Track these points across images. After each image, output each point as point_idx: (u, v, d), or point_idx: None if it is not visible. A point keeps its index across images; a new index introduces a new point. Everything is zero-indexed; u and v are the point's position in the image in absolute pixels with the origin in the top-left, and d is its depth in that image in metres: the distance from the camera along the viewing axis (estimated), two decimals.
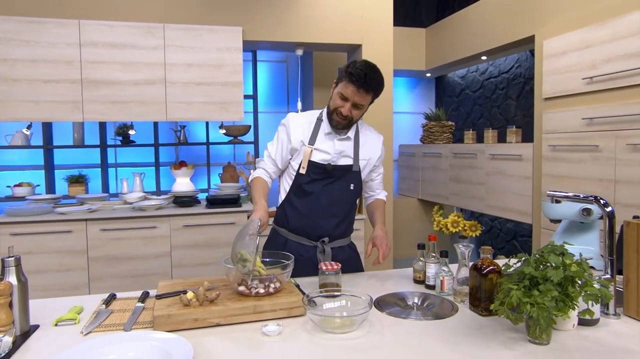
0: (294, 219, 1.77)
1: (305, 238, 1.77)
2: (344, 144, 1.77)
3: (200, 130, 4.26)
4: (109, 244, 3.07)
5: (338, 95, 1.68)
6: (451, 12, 4.96)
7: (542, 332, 1.09)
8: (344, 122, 1.71)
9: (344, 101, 1.67)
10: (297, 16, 3.55)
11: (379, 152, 1.88)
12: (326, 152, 1.74)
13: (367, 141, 1.83)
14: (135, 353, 1.03)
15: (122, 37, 3.15)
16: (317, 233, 1.76)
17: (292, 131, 1.77)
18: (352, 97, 1.65)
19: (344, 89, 1.65)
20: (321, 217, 1.75)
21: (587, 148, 2.84)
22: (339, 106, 1.68)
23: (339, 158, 1.75)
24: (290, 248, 1.74)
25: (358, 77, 1.60)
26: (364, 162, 1.81)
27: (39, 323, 1.30)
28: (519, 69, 4.30)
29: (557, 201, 1.51)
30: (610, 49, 2.68)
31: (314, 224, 1.75)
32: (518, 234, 4.45)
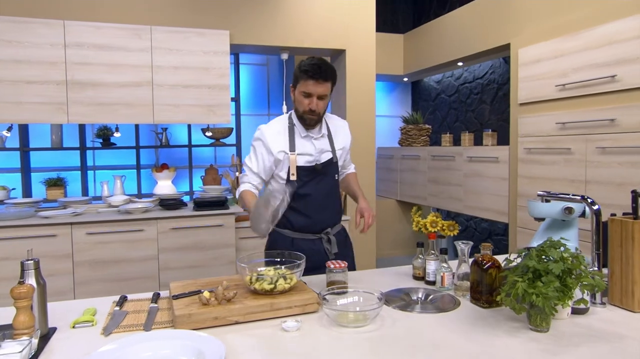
0: (296, 220, 1.86)
1: (310, 233, 1.88)
2: (320, 142, 1.87)
3: (182, 132, 4.24)
4: (95, 248, 3.03)
5: (301, 94, 1.77)
6: (427, 19, 5.14)
7: (542, 320, 1.20)
8: (315, 117, 1.80)
9: (309, 97, 1.75)
10: (283, 21, 3.60)
11: (349, 137, 2.00)
12: (309, 154, 1.84)
13: (338, 130, 1.96)
14: (169, 350, 1.07)
15: (109, 38, 3.12)
16: (319, 227, 1.88)
17: (270, 144, 1.82)
18: (314, 91, 1.74)
19: (304, 87, 1.74)
20: (319, 212, 1.86)
21: (560, 151, 3.03)
22: (307, 104, 1.76)
23: (320, 155, 1.85)
24: (299, 245, 1.84)
25: (314, 71, 1.71)
26: (340, 151, 1.94)
27: (55, 326, 1.31)
28: (493, 75, 4.50)
29: (547, 200, 1.62)
30: (580, 58, 2.87)
31: (315, 220, 1.86)
32: (493, 233, 4.64)
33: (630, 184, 2.59)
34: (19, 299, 1.15)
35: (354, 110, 3.84)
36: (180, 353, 1.06)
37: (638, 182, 2.54)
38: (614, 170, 2.68)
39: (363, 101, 3.85)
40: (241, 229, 3.42)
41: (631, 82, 2.58)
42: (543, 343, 1.15)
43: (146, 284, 3.11)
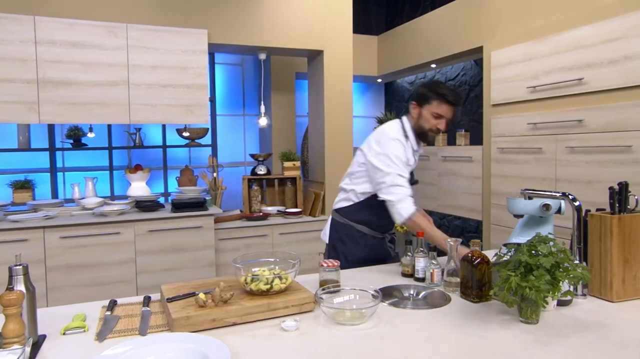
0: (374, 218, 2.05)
1: (379, 232, 2.11)
2: (417, 155, 2.11)
3: (155, 133, 4.16)
4: (69, 252, 2.93)
5: (432, 115, 1.93)
6: (400, 21, 5.23)
7: (532, 313, 1.25)
8: (436, 135, 2.03)
9: (439, 118, 1.94)
10: (261, 21, 3.59)
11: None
12: (411, 166, 2.05)
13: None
14: (172, 354, 1.06)
15: (83, 36, 3.03)
16: (387, 228, 2.13)
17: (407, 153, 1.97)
18: (447, 115, 1.93)
19: (438, 109, 1.92)
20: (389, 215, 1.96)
21: (532, 150, 3.15)
22: (435, 124, 1.94)
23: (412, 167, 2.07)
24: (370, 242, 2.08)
25: (454, 98, 1.92)
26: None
27: (45, 333, 1.27)
28: (464, 76, 4.63)
29: (530, 197, 1.69)
30: (550, 62, 3.00)
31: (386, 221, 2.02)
32: (465, 231, 4.77)
33: (597, 182, 2.72)
34: (9, 306, 1.11)
35: (331, 111, 3.87)
36: (184, 356, 1.05)
37: (605, 180, 2.68)
38: (582, 169, 2.81)
39: (340, 102, 3.89)
40: (220, 230, 3.38)
41: (597, 85, 2.72)
42: (535, 334, 1.20)
43: (123, 288, 3.04)
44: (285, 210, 3.84)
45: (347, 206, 2.11)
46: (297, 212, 3.78)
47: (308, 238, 3.73)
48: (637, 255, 1.44)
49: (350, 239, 2.09)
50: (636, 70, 2.51)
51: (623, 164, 2.59)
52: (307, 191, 4.06)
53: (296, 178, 3.96)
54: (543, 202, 1.99)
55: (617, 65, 2.61)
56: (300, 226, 3.71)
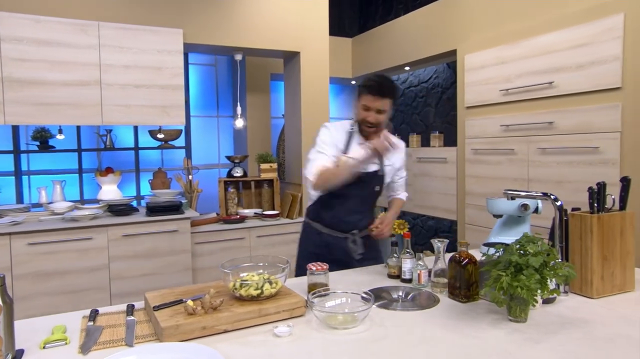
0: (328, 216, 2.03)
1: (338, 231, 2.03)
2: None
3: (126, 135, 4.04)
4: (38, 259, 2.80)
5: (362, 107, 1.92)
6: (373, 24, 5.28)
7: (521, 311, 1.28)
8: (372, 129, 1.94)
9: (368, 110, 1.90)
10: (237, 21, 3.54)
11: (402, 157, 2.13)
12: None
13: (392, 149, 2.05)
14: None
15: (51, 33, 2.90)
16: (347, 227, 2.03)
17: (335, 136, 1.98)
18: (372, 105, 1.88)
19: (365, 101, 1.90)
20: (349, 214, 2.01)
21: (505, 151, 3.24)
22: (365, 116, 1.91)
23: (368, 165, 1.95)
24: (326, 240, 2.04)
25: (374, 87, 1.87)
26: (389, 167, 2.05)
27: (22, 347, 1.20)
28: (437, 79, 4.72)
29: (512, 197, 1.74)
30: (522, 65, 3.09)
31: (343, 220, 2.01)
32: (439, 231, 4.86)
33: (567, 182, 2.82)
34: None
35: (308, 112, 3.86)
36: None
37: (574, 180, 2.79)
38: (552, 169, 2.91)
39: (317, 103, 3.88)
40: (197, 234, 3.31)
41: (566, 89, 2.82)
42: (526, 332, 1.23)
43: (96, 296, 2.93)
44: (263, 212, 3.80)
45: (309, 205, 2.17)
46: (275, 215, 3.75)
47: (286, 240, 3.70)
48: (614, 253, 1.50)
49: (307, 237, 2.12)
50: (602, 75, 2.62)
51: (591, 164, 2.70)
52: (285, 193, 4.04)
53: (273, 180, 3.93)
54: (522, 203, 2.05)
55: (584, 70, 2.72)
56: (278, 229, 3.68)
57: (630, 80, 2.50)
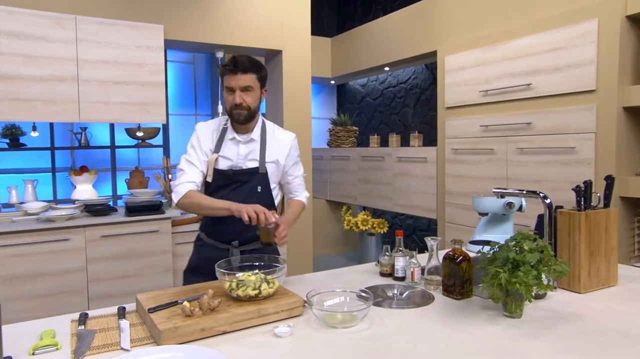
0: (208, 225, 1.84)
1: (220, 241, 1.80)
2: (249, 147, 1.78)
3: (102, 133, 3.92)
4: (10, 262, 2.68)
5: (225, 91, 1.73)
6: (352, 25, 5.30)
7: (517, 307, 1.31)
8: (244, 113, 1.71)
9: (232, 91, 1.70)
10: (219, 18, 3.49)
11: (286, 152, 1.85)
12: (229, 158, 1.77)
13: (275, 142, 1.83)
14: None
15: (25, 26, 2.77)
16: (228, 237, 1.78)
17: (202, 140, 1.78)
18: (235, 84, 1.68)
19: (226, 82, 1.71)
20: (228, 222, 1.72)
21: (484, 151, 3.31)
22: (231, 100, 1.71)
23: (245, 162, 1.77)
24: (208, 251, 1.81)
25: (229, 64, 1.69)
26: (272, 164, 1.80)
27: (9, 354, 1.14)
28: (416, 80, 4.78)
29: (502, 195, 1.77)
30: (500, 67, 3.17)
31: (224, 229, 1.78)
32: (417, 229, 4.93)
33: (545, 181, 2.91)
34: None
35: (290, 111, 3.84)
36: None
37: (551, 179, 2.87)
38: (530, 169, 3.00)
39: (299, 102, 3.87)
40: (178, 234, 3.25)
41: (544, 91, 2.91)
42: (521, 328, 1.25)
43: (73, 299, 2.83)
44: None
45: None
46: None
47: None
48: (600, 249, 1.56)
49: (195, 247, 1.91)
50: (578, 77, 2.72)
51: (567, 164, 2.79)
52: None
53: None
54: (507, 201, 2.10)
55: (561, 73, 2.81)
56: None
57: (604, 83, 2.60)
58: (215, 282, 1.48)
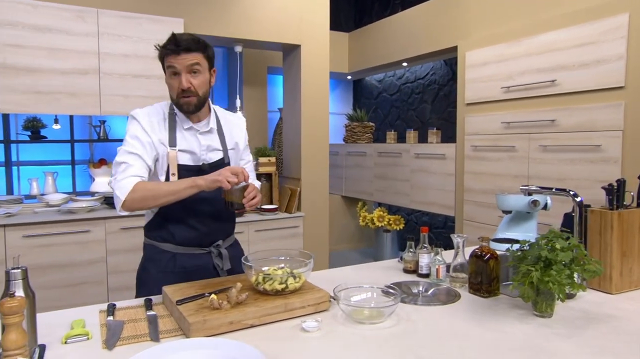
0: (181, 231, 1.58)
1: (198, 248, 1.61)
2: (207, 138, 1.60)
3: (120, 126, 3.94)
4: (33, 252, 2.72)
5: (169, 74, 1.51)
6: (369, 20, 5.26)
7: (547, 306, 1.29)
8: (193, 100, 1.51)
9: (177, 75, 1.49)
10: (238, 12, 3.48)
11: (243, 134, 1.74)
12: (192, 151, 1.56)
13: (231, 128, 1.69)
14: None
15: (48, 19, 2.80)
16: (209, 239, 1.62)
17: (148, 129, 1.51)
18: (180, 64, 1.47)
19: (168, 64, 1.49)
20: (208, 223, 1.59)
21: (505, 148, 3.26)
22: (176, 85, 1.49)
23: (207, 153, 1.59)
24: (182, 262, 1.59)
25: (169, 43, 1.47)
26: (232, 151, 1.67)
27: (43, 342, 1.15)
28: (434, 76, 4.73)
29: (530, 193, 1.74)
30: (524, 63, 3.11)
31: (204, 231, 1.60)
32: (433, 226, 4.89)
33: (569, 179, 2.86)
34: (10, 314, 1.00)
35: (308, 106, 3.83)
36: None
37: (575, 178, 2.82)
38: (554, 166, 2.95)
39: (317, 97, 3.85)
40: None
41: (569, 87, 2.85)
42: (553, 327, 1.23)
43: (94, 290, 2.86)
44: (261, 207, 3.76)
45: (146, 223, 1.66)
46: (273, 209, 3.71)
47: (284, 235, 3.67)
48: (633, 249, 1.52)
49: (153, 264, 1.61)
50: (606, 73, 2.65)
51: (593, 162, 2.73)
52: (283, 187, 4.00)
53: (272, 174, 3.89)
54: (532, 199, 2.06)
55: (588, 69, 2.75)
56: (277, 223, 3.65)
57: (634, 80, 2.54)
58: (242, 275, 1.48)
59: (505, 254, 1.55)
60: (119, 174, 1.46)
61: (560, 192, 1.61)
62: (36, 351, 1.03)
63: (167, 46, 1.48)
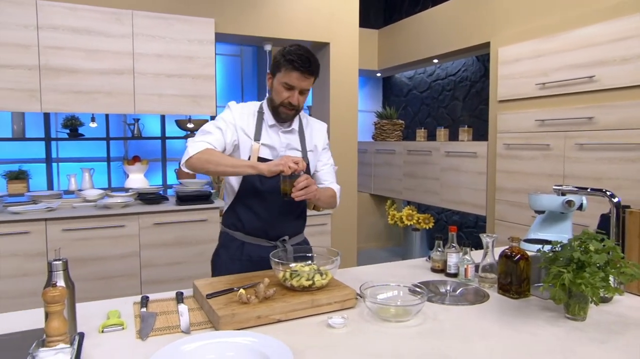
0: (250, 221, 1.67)
1: (265, 239, 1.68)
2: (289, 137, 1.69)
3: (153, 124, 4.05)
4: (72, 245, 2.84)
5: (282, 86, 1.58)
6: (399, 16, 5.21)
7: (580, 310, 1.25)
8: (293, 114, 1.64)
9: (290, 90, 1.58)
10: (268, 11, 3.52)
11: (323, 139, 1.79)
12: (272, 147, 1.66)
13: (312, 131, 1.78)
14: (233, 353, 1.02)
15: (86, 21, 2.91)
16: (276, 233, 1.68)
17: (238, 119, 1.64)
18: (298, 84, 1.57)
19: (287, 78, 1.56)
20: (278, 215, 1.67)
21: (539, 147, 3.17)
22: (286, 96, 1.59)
23: (287, 151, 1.68)
24: (249, 251, 1.68)
25: (302, 63, 1.53)
26: (311, 153, 1.74)
27: (81, 330, 1.21)
28: (465, 72, 4.64)
29: (563, 193, 1.69)
30: (560, 59, 3.02)
31: (271, 224, 1.67)
32: (464, 226, 4.81)
33: (607, 179, 2.76)
34: (53, 303, 1.05)
35: (337, 104, 3.83)
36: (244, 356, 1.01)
37: (614, 177, 2.72)
38: (591, 166, 2.85)
39: (346, 95, 3.85)
40: None
41: (608, 83, 2.74)
42: (586, 331, 1.19)
43: (128, 282, 2.96)
44: None
45: (224, 210, 1.77)
46: None
47: (312, 232, 3.66)
48: None
49: (225, 250, 1.73)
50: None
51: (633, 161, 2.62)
52: None
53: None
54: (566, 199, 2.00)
55: (629, 64, 2.64)
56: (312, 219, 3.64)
57: None
58: (270, 271, 1.50)
59: (536, 255, 1.51)
60: (197, 137, 1.60)
61: (596, 193, 1.56)
62: (76, 338, 1.08)
63: (297, 62, 1.53)
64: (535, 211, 2.15)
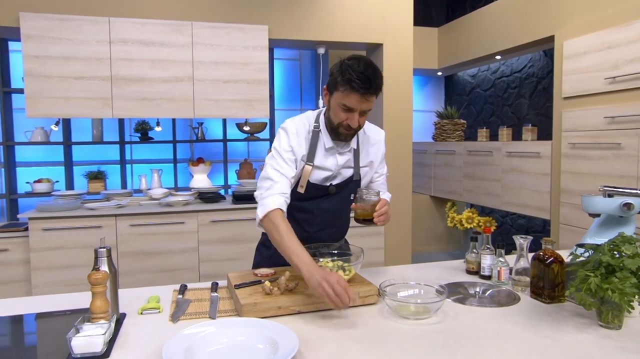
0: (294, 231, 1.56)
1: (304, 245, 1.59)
2: (345, 156, 1.60)
3: (216, 127, 4.30)
4: (138, 239, 3.10)
5: (340, 107, 1.45)
6: (462, 11, 5.05)
7: (614, 317, 1.17)
8: (352, 133, 1.53)
9: (349, 112, 1.44)
10: (320, 15, 3.60)
11: (380, 154, 1.71)
12: (327, 169, 1.58)
13: (368, 145, 1.67)
14: (244, 337, 1.09)
15: (152, 34, 3.19)
16: (317, 241, 1.65)
17: (294, 145, 1.53)
18: (358, 107, 1.42)
19: (345, 100, 1.42)
20: (320, 230, 1.65)
21: (609, 146, 2.93)
22: (344, 118, 1.46)
23: (340, 170, 1.60)
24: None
25: (363, 84, 1.38)
26: (365, 168, 1.67)
27: (124, 312, 1.35)
28: (532, 68, 4.40)
29: (610, 195, 1.58)
30: (633, 50, 2.77)
31: (312, 236, 1.63)
32: (530, 230, 4.55)
33: None
34: (96, 284, 1.19)
35: (390, 105, 3.82)
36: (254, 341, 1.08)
37: None
38: None
39: (400, 96, 3.82)
40: None
41: None
42: (617, 340, 1.12)
43: (187, 276, 3.18)
44: None
45: None
46: None
47: (364, 233, 3.70)
48: None
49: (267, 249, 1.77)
50: None
51: None
52: None
53: None
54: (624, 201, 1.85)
55: None
56: None
57: None
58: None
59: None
60: (264, 190, 1.50)
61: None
62: (114, 316, 1.21)
63: (355, 81, 1.37)
64: (589, 214, 2.02)
